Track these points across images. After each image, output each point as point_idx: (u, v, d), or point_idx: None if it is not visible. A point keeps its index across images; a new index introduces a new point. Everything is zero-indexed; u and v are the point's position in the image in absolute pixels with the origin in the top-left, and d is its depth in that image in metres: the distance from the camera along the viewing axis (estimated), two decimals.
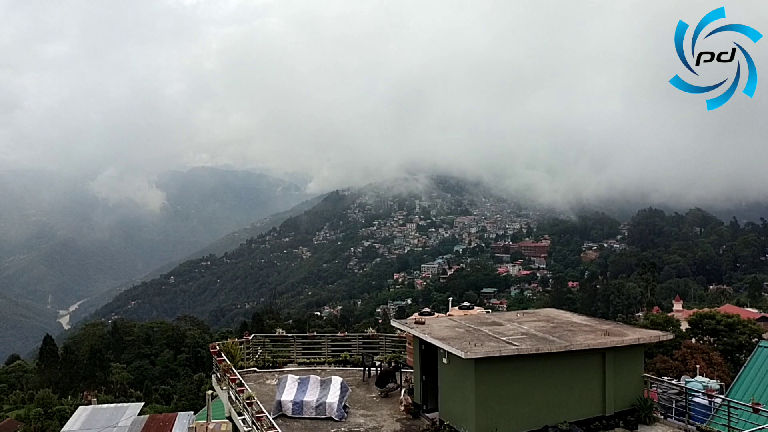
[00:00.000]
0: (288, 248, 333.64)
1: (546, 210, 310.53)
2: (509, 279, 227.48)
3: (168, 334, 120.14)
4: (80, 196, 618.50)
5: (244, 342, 25.13)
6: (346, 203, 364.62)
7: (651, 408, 18.31)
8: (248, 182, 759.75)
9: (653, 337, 20.10)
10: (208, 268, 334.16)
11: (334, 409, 18.46)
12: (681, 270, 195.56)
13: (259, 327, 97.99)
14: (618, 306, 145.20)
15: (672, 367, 46.33)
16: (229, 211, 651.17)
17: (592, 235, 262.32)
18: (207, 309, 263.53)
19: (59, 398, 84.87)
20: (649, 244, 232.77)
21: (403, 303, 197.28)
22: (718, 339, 57.72)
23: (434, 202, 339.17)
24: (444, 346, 16.73)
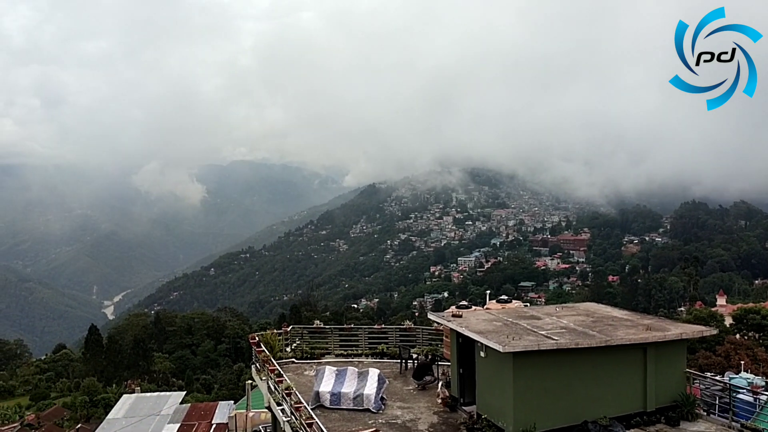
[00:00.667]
0: (325, 241, 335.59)
1: (583, 203, 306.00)
2: (547, 273, 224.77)
3: (208, 325, 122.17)
4: (123, 190, 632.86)
5: (283, 333, 25.43)
6: (383, 196, 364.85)
7: (693, 404, 17.97)
8: (286, 175, 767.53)
9: (696, 332, 19.72)
10: (247, 260, 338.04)
11: (371, 400, 18.57)
12: (725, 264, 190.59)
13: (297, 319, 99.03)
14: (659, 300, 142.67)
15: (715, 363, 45.38)
16: (267, 204, 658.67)
17: (633, 229, 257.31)
18: (246, 300, 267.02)
19: (104, 387, 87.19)
20: (692, 237, 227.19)
21: (439, 296, 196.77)
22: (763, 335, 56.27)
23: (471, 195, 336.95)
24: (482, 339, 16.68)
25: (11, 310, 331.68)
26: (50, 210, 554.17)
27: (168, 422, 33.21)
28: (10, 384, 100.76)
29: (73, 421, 71.73)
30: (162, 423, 32.99)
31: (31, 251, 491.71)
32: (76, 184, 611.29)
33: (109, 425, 33.05)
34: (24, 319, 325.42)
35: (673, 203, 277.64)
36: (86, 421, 69.58)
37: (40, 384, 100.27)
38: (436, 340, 24.83)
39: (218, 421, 33.63)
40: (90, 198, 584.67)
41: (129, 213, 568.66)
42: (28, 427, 68.04)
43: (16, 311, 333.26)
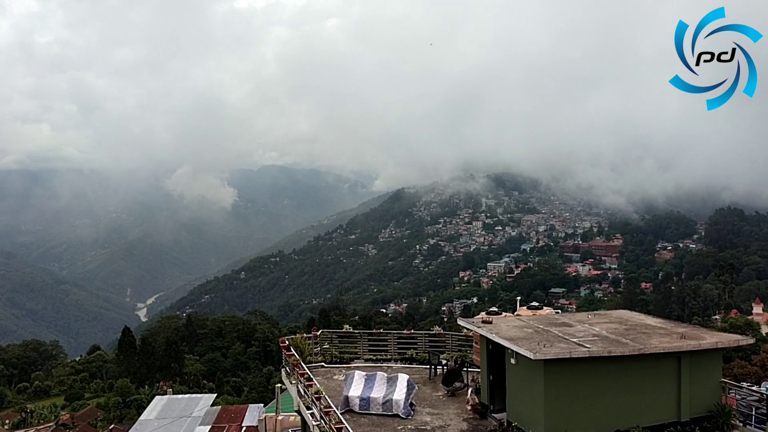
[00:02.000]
0: (354, 245, 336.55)
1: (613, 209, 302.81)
2: (579, 279, 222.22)
3: (239, 328, 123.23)
4: (156, 194, 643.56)
5: (312, 337, 25.56)
6: (412, 201, 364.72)
7: (729, 415, 17.59)
8: (315, 180, 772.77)
9: (732, 341, 19.36)
10: (277, 264, 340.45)
11: (400, 406, 18.55)
12: (762, 272, 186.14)
13: (326, 323, 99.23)
14: (694, 308, 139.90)
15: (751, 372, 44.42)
16: (297, 209, 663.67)
17: (667, 235, 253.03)
18: (276, 304, 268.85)
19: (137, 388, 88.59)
20: (727, 244, 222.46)
21: (468, 302, 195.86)
22: None
23: (500, 200, 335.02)
24: (512, 346, 16.57)
25: (47, 312, 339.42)
26: (85, 214, 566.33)
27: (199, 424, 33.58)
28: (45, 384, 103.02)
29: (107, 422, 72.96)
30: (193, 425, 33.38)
31: (66, 254, 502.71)
32: (110, 189, 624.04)
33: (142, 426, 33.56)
34: (60, 320, 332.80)
35: (703, 209, 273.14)
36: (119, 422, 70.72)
37: (74, 384, 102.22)
38: (466, 346, 24.69)
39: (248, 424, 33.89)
40: (123, 202, 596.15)
41: (161, 217, 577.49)
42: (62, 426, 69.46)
43: (52, 313, 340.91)
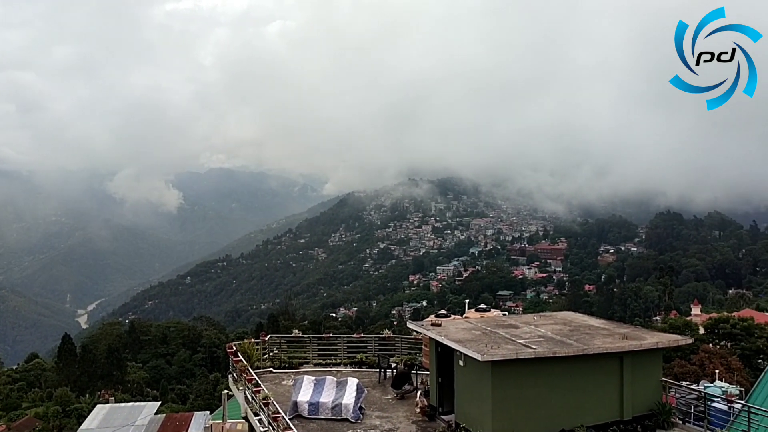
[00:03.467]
0: (304, 249, 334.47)
1: (552, 214, 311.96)
2: (525, 282, 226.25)
3: (184, 334, 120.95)
4: (98, 197, 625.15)
5: (261, 342, 25.24)
6: (362, 205, 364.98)
7: (669, 413, 18.14)
8: (264, 183, 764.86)
9: (672, 341, 19.98)
10: (224, 269, 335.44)
11: (350, 410, 18.48)
12: (700, 274, 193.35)
13: (275, 328, 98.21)
14: (635, 309, 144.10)
15: (690, 371, 45.82)
16: (245, 212, 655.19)
17: (609, 239, 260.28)
18: (223, 309, 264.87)
19: (77, 396, 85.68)
20: (667, 247, 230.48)
21: (418, 305, 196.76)
22: (735, 343, 57.03)
23: (450, 204, 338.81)
24: (460, 348, 16.70)
25: None
26: (22, 217, 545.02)
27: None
28: None
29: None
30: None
31: (3, 259, 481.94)
32: (49, 192, 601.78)
33: None
34: None
35: (643, 214, 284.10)
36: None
37: (11, 394, 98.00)
38: (415, 349, 24.81)
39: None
40: (63, 205, 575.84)
41: (103, 220, 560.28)
42: None
43: None
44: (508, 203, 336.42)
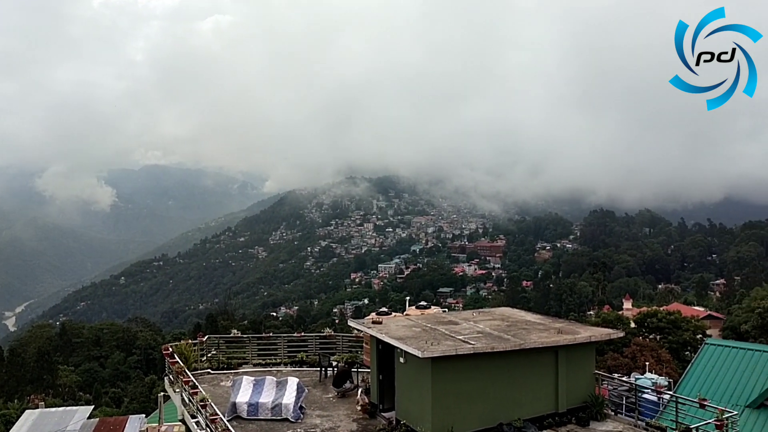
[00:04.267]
0: (243, 248, 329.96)
1: (490, 212, 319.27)
2: (465, 278, 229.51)
3: (118, 336, 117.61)
4: (25, 195, 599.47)
5: (198, 343, 24.71)
6: (303, 203, 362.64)
7: (602, 404, 18.70)
8: (202, 180, 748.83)
9: (604, 335, 20.55)
10: (160, 269, 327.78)
11: (290, 410, 18.31)
12: (631, 269, 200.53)
13: (214, 328, 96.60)
14: (570, 305, 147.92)
15: (622, 364, 47.41)
16: (182, 210, 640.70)
17: (546, 236, 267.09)
18: (159, 310, 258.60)
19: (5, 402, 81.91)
20: (600, 244, 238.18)
21: (360, 303, 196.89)
22: (663, 336, 59.40)
23: (391, 202, 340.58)
24: (401, 345, 16.77)
25: None
26: None
27: None
28: None
29: None
30: None
31: None
32: None
33: None
34: None
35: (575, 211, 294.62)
36: None
37: None
38: (357, 347, 24.80)
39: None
40: None
41: (32, 219, 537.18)
42: None
43: None
44: (448, 201, 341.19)
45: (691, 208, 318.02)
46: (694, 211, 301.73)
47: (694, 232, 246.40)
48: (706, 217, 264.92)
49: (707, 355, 30.03)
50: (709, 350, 30.43)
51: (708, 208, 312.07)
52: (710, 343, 31.83)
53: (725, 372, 28.65)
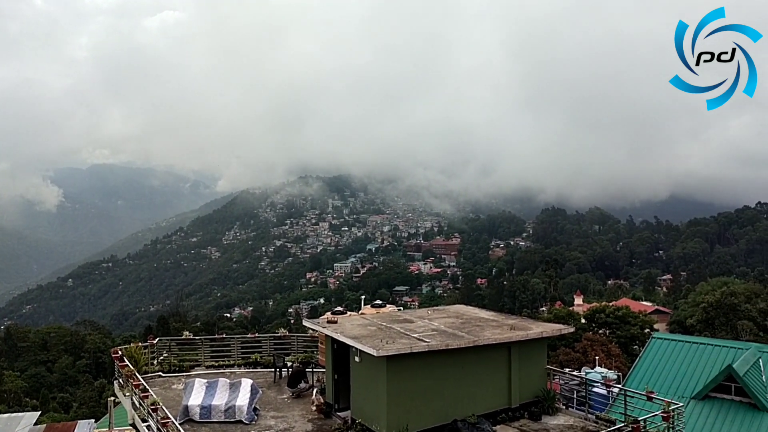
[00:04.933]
0: (196, 248, 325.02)
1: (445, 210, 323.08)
2: (421, 277, 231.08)
3: (66, 340, 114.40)
4: None
5: (149, 346, 24.17)
6: (257, 202, 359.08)
7: (554, 399, 19.03)
8: (152, 180, 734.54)
9: (555, 330, 20.91)
10: (109, 270, 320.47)
11: (243, 411, 18.08)
12: (582, 266, 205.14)
13: (165, 330, 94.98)
14: (524, 301, 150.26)
15: (574, 359, 48.47)
16: (132, 210, 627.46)
17: (500, 234, 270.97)
18: (108, 313, 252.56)
19: None
20: (552, 241, 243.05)
21: (315, 303, 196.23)
22: (612, 331, 60.96)
23: (347, 201, 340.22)
24: (356, 344, 16.73)
25: None
26: None
27: None
28: None
29: None
30: None
31: None
32: None
33: None
34: None
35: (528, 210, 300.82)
36: None
37: None
38: (312, 347, 24.66)
39: None
40: None
41: None
42: None
43: None
44: (404, 200, 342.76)
45: (639, 205, 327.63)
46: (642, 209, 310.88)
47: (641, 229, 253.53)
48: (653, 214, 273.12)
49: (654, 349, 30.90)
50: (656, 344, 31.32)
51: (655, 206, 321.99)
52: (657, 337, 32.76)
53: (672, 365, 29.56)
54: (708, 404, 26.58)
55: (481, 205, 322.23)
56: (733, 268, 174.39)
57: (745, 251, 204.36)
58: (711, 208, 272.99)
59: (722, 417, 25.87)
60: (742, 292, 65.54)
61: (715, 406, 26.36)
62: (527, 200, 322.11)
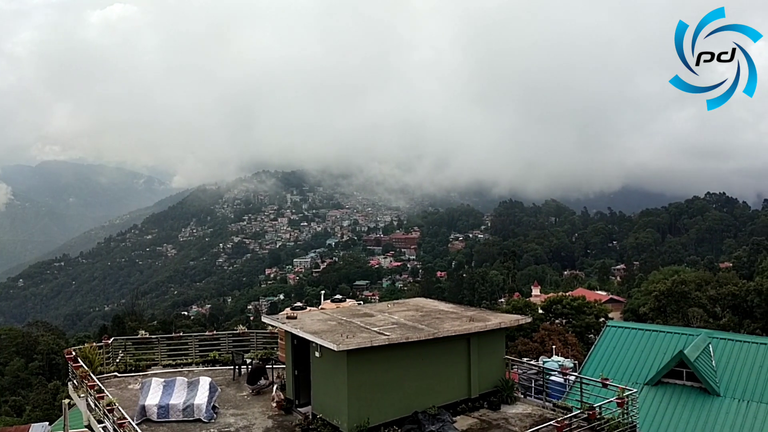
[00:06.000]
0: (151, 246, 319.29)
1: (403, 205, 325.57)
2: (381, 271, 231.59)
3: (18, 341, 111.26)
4: None
5: (104, 346, 23.64)
6: (214, 198, 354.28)
7: (512, 388, 19.33)
8: (105, 176, 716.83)
9: (513, 321, 21.23)
10: (62, 269, 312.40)
11: (202, 410, 17.85)
12: (539, 257, 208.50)
13: (121, 330, 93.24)
14: (483, 293, 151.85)
15: (532, 348, 49.33)
16: (84, 208, 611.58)
17: (459, 227, 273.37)
18: (62, 313, 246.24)
19: None
20: (510, 233, 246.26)
21: (275, 299, 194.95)
22: (569, 321, 62.24)
23: (306, 196, 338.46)
24: (316, 339, 16.69)
25: None
26: None
27: None
28: None
29: None
30: None
31: None
32: None
33: None
34: None
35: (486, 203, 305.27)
36: None
37: None
38: (272, 344, 24.51)
39: None
40: None
41: None
42: None
43: None
44: (363, 194, 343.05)
45: (593, 197, 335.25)
46: (596, 200, 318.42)
47: (596, 220, 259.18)
48: (606, 205, 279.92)
49: (609, 337, 31.64)
50: (611, 332, 32.08)
51: (608, 197, 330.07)
52: (611, 326, 33.57)
53: (626, 352, 30.33)
54: (661, 390, 27.37)
55: (436, 199, 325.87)
56: (684, 257, 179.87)
57: (695, 240, 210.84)
58: (662, 198, 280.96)
59: (675, 401, 26.68)
60: (692, 280, 67.62)
61: (667, 392, 27.17)
62: (482, 193, 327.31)
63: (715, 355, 28.12)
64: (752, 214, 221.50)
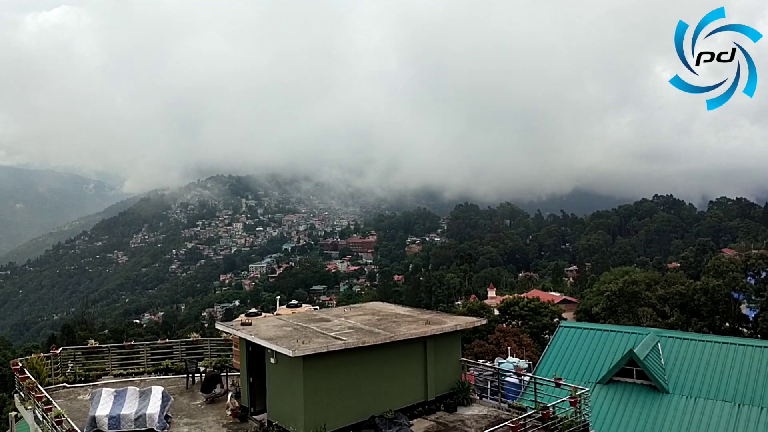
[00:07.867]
0: (101, 253, 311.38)
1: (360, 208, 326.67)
2: (338, 275, 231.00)
3: None
4: None
5: (52, 356, 22.95)
6: (167, 203, 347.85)
7: (468, 390, 19.50)
8: (53, 182, 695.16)
9: (469, 323, 21.42)
10: (8, 278, 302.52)
11: (155, 420, 17.49)
12: (494, 260, 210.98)
13: (70, 339, 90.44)
14: (439, 296, 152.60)
15: (488, 350, 49.81)
16: (31, 214, 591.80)
17: (415, 230, 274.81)
18: (8, 323, 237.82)
19: None
20: (466, 236, 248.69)
21: (230, 305, 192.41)
22: (524, 322, 63.14)
23: (261, 201, 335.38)
24: (271, 345, 16.53)
25: None
26: None
27: None
28: None
29: None
30: None
31: None
32: None
33: None
34: None
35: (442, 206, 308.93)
36: None
37: None
38: (227, 351, 24.14)
39: None
40: None
41: None
42: None
43: None
44: (319, 199, 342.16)
45: (546, 199, 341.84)
46: (548, 203, 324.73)
47: (549, 222, 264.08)
48: (559, 208, 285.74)
49: (562, 337, 32.23)
50: (564, 332, 32.67)
51: (560, 199, 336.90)
52: (564, 326, 34.18)
53: (578, 352, 30.95)
54: (612, 388, 28.02)
55: (388, 204, 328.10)
56: (634, 258, 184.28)
57: (644, 241, 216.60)
58: (611, 200, 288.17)
59: (626, 399, 27.35)
60: (642, 281, 69.23)
61: (618, 390, 27.83)
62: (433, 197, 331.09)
63: (663, 354, 28.92)
64: (698, 216, 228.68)
